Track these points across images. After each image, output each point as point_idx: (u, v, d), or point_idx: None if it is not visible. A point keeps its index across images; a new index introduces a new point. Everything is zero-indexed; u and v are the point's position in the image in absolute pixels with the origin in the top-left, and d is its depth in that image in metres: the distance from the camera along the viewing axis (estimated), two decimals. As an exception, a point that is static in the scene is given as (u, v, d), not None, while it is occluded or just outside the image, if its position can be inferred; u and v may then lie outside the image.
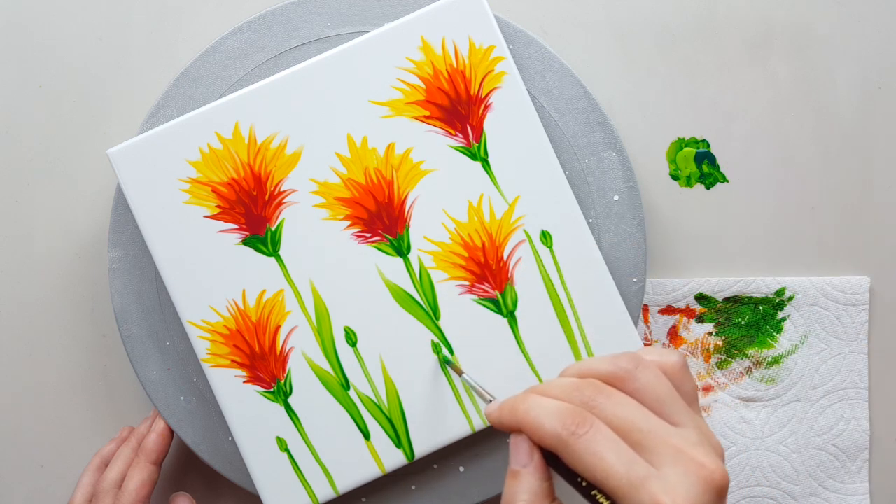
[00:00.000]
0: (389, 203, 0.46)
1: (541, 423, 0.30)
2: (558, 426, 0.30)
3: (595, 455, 0.29)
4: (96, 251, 0.54)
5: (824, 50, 0.53)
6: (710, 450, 0.30)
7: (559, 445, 0.30)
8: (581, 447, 0.29)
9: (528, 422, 0.31)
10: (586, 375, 0.32)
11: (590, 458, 0.29)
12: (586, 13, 0.53)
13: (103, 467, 0.50)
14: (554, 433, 0.30)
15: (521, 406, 0.31)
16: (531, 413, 0.31)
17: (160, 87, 0.53)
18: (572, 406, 0.30)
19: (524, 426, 0.31)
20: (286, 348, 0.46)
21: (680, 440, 0.29)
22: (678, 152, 0.54)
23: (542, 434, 0.30)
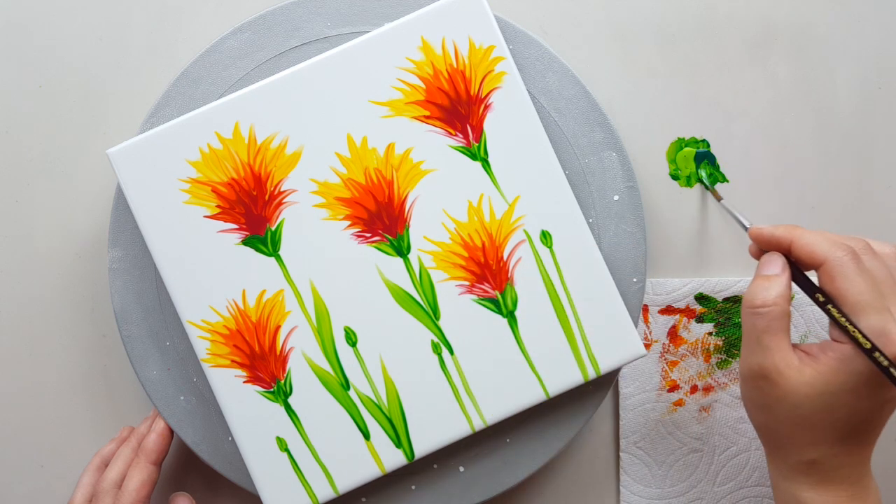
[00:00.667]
0: (389, 203, 0.47)
1: (816, 242, 0.39)
2: (832, 248, 0.39)
3: (852, 279, 0.37)
4: (96, 251, 0.54)
5: (824, 50, 0.53)
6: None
7: (827, 263, 0.38)
8: (846, 270, 0.38)
9: (804, 239, 0.40)
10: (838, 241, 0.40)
11: (848, 280, 0.37)
12: (586, 13, 0.53)
13: (103, 467, 0.50)
14: (828, 252, 0.39)
15: (796, 228, 0.41)
16: (807, 235, 0.40)
17: (160, 87, 0.53)
18: (843, 242, 0.39)
19: (798, 241, 0.40)
20: (286, 348, 0.46)
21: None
22: (678, 152, 0.54)
23: (814, 250, 0.39)
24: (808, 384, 0.38)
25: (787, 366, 0.38)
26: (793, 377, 0.38)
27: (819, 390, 0.38)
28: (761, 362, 0.39)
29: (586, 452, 0.54)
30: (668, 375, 0.53)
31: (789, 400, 0.38)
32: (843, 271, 0.38)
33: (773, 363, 0.39)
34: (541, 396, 0.46)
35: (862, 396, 0.38)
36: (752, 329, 0.40)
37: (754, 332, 0.39)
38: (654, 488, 0.53)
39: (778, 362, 0.38)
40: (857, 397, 0.38)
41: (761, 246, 0.43)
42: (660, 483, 0.53)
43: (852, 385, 0.37)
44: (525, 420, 0.49)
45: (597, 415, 0.54)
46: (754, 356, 0.39)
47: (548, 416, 0.49)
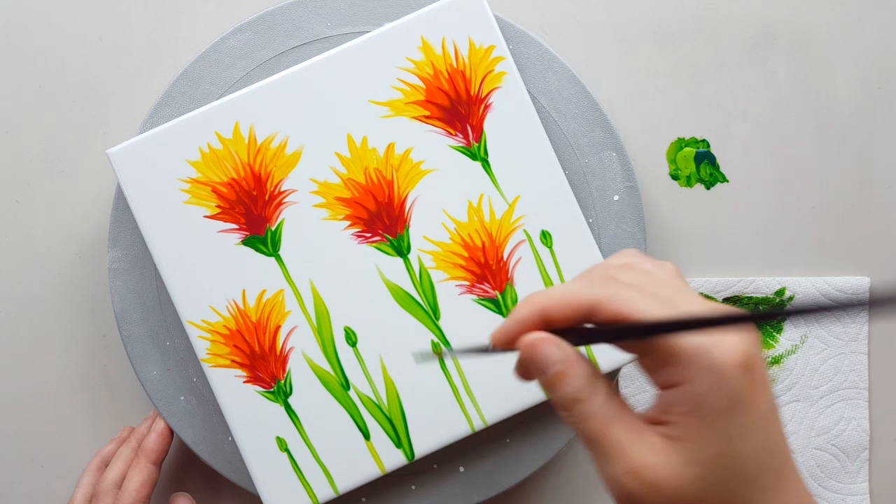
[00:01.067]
0: (389, 203, 0.46)
1: (572, 292, 0.28)
2: (591, 287, 0.28)
3: (632, 299, 0.27)
4: (96, 251, 0.54)
5: (824, 50, 0.53)
6: None
7: (600, 302, 0.27)
8: (621, 294, 0.27)
9: (554, 299, 0.28)
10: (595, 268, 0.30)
11: (628, 302, 0.27)
12: (586, 13, 0.53)
13: (103, 467, 0.50)
14: (590, 293, 0.28)
15: (537, 296, 0.29)
16: (555, 293, 0.28)
17: (160, 87, 0.53)
18: (605, 273, 0.29)
19: (550, 306, 0.28)
20: (286, 348, 0.46)
21: (703, 299, 0.28)
22: (678, 152, 0.54)
23: (576, 300, 0.28)
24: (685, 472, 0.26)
25: (644, 464, 0.27)
26: (662, 476, 0.26)
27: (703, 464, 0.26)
28: (617, 477, 0.27)
29: (586, 452, 0.54)
30: (668, 375, 0.53)
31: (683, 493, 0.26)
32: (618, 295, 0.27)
33: (629, 471, 0.27)
34: (541, 396, 0.46)
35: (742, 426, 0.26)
36: (588, 439, 0.28)
37: (591, 442, 0.28)
38: (654, 488, 0.53)
39: (635, 466, 0.27)
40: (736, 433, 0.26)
41: (511, 346, 0.30)
42: (659, 483, 0.53)
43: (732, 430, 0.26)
44: (525, 420, 0.49)
45: (597, 415, 0.54)
46: (607, 471, 0.28)
47: (548, 416, 0.49)
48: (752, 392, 0.26)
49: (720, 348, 0.26)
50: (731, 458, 0.26)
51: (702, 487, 0.26)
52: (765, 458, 0.26)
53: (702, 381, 0.26)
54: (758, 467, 0.26)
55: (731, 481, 0.26)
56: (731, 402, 0.26)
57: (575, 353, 0.28)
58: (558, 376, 0.28)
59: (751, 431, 0.26)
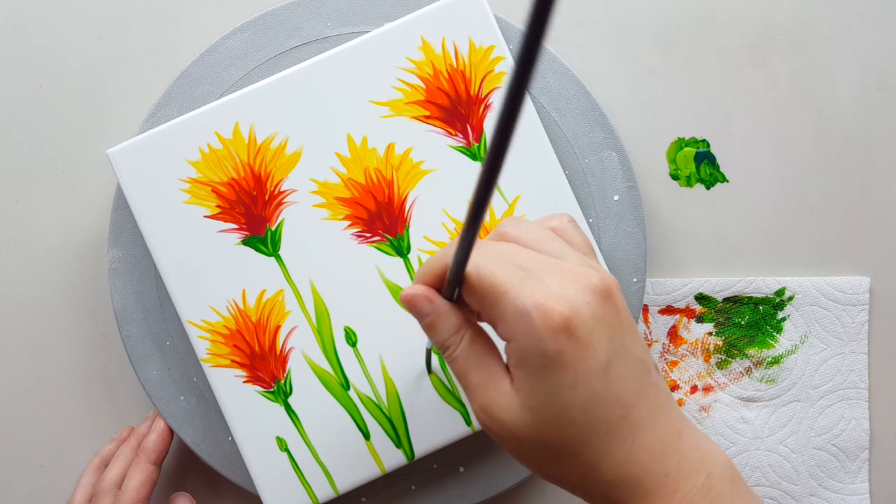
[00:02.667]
0: (389, 203, 0.46)
1: (435, 261, 0.32)
2: (446, 257, 0.31)
3: (486, 269, 0.30)
4: (96, 251, 0.54)
5: (824, 50, 0.53)
6: (591, 268, 0.31)
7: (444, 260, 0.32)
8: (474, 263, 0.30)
9: (427, 268, 0.33)
10: None
11: (483, 272, 0.30)
12: (586, 13, 0.53)
13: (103, 467, 0.50)
14: (443, 260, 0.32)
15: (422, 267, 0.33)
16: (430, 262, 0.33)
17: (160, 87, 0.53)
18: None
19: (425, 273, 0.33)
20: (286, 348, 0.46)
21: (561, 263, 0.31)
22: (678, 152, 0.54)
23: (434, 266, 0.32)
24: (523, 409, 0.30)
25: (493, 402, 0.31)
26: (505, 411, 0.30)
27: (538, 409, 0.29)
28: (476, 408, 0.32)
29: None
30: (668, 375, 0.53)
31: (525, 440, 0.30)
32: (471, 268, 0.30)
33: (482, 406, 0.31)
34: (541, 396, 0.46)
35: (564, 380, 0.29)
36: (455, 373, 0.32)
37: (459, 376, 0.32)
38: (654, 488, 0.53)
39: (486, 403, 0.31)
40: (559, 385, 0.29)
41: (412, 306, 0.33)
42: (660, 483, 0.53)
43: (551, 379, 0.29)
44: (525, 420, 0.49)
45: (597, 415, 0.54)
46: (471, 401, 0.32)
47: (548, 416, 0.49)
48: (573, 351, 0.29)
49: (538, 312, 0.29)
50: (556, 406, 0.29)
51: (536, 430, 0.30)
52: (593, 408, 0.29)
53: (521, 341, 0.29)
54: (586, 415, 0.29)
55: (560, 426, 0.29)
56: (546, 360, 0.29)
57: (445, 305, 0.32)
58: (430, 325, 0.32)
59: (574, 385, 0.29)
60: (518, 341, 0.29)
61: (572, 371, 0.29)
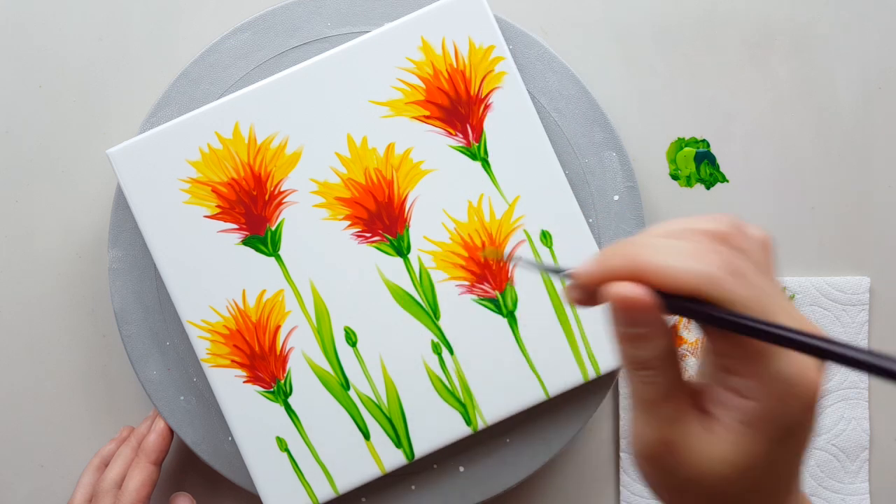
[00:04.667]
0: (389, 203, 0.46)
1: (674, 266, 0.26)
2: (703, 265, 0.25)
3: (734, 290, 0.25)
4: (96, 251, 0.54)
5: (824, 50, 0.53)
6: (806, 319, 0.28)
7: (713, 288, 0.25)
8: (724, 282, 0.25)
9: (654, 263, 0.26)
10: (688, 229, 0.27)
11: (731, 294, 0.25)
12: (586, 13, 0.53)
13: (103, 467, 0.50)
14: (694, 273, 0.25)
15: (639, 250, 0.26)
16: (658, 256, 0.26)
17: (160, 87, 0.53)
18: (712, 245, 0.27)
19: (649, 271, 0.26)
20: (286, 348, 0.46)
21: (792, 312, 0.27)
22: (678, 152, 0.54)
23: (682, 278, 0.25)
24: (723, 461, 0.27)
25: (691, 439, 0.28)
26: (703, 452, 0.27)
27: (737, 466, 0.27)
28: (661, 437, 0.28)
29: (586, 452, 0.54)
30: (668, 375, 0.53)
31: (706, 483, 0.28)
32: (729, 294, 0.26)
33: (675, 438, 0.28)
34: (541, 396, 0.46)
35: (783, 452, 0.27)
36: (643, 399, 0.28)
37: (646, 402, 0.28)
38: (654, 488, 0.53)
39: (682, 436, 0.28)
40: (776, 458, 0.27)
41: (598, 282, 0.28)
42: (660, 483, 0.53)
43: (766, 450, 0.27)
44: (525, 420, 0.49)
45: (597, 415, 0.54)
46: (650, 428, 0.28)
47: (548, 416, 0.49)
48: (808, 424, 0.27)
49: (802, 385, 0.26)
50: (757, 471, 0.27)
51: (720, 483, 0.27)
52: (786, 475, 0.28)
53: (770, 406, 0.26)
54: (776, 484, 0.28)
55: (748, 489, 0.27)
56: (788, 433, 0.26)
57: (662, 320, 0.27)
58: (640, 338, 0.27)
59: (788, 456, 0.27)
60: (764, 408, 0.26)
61: (791, 445, 0.27)
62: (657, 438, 0.28)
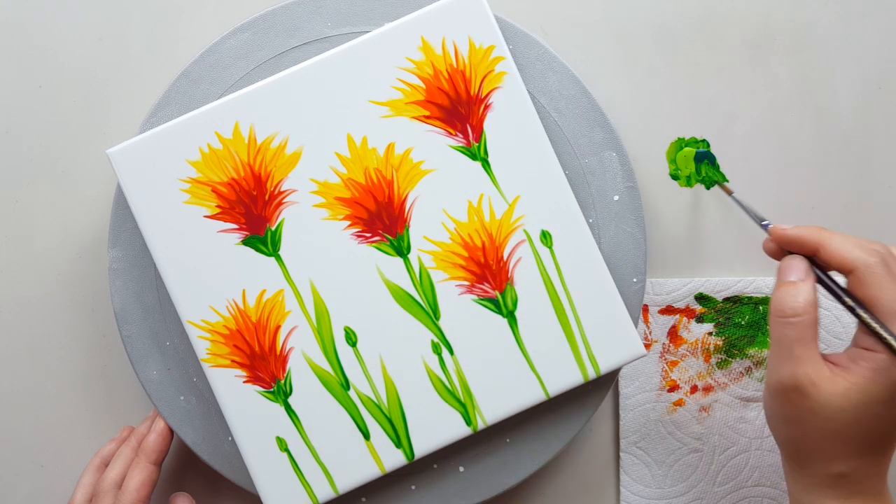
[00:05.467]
0: (389, 203, 0.47)
1: (846, 248, 0.38)
2: (863, 254, 0.38)
3: (885, 286, 0.37)
4: (96, 251, 0.54)
5: (824, 50, 0.53)
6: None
7: (858, 270, 0.37)
8: (878, 277, 0.37)
9: (832, 243, 0.39)
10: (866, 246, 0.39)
11: (881, 288, 0.37)
12: (586, 13, 0.53)
13: (103, 467, 0.50)
14: (858, 258, 0.38)
15: (822, 231, 0.39)
16: (836, 238, 0.39)
17: (160, 87, 0.53)
18: (872, 247, 0.38)
19: (826, 245, 0.39)
20: (286, 348, 0.46)
21: None
22: (678, 152, 0.54)
23: (845, 255, 0.38)
24: (843, 395, 0.37)
25: (819, 377, 0.37)
26: (826, 388, 0.37)
27: (853, 402, 0.37)
28: (793, 373, 0.38)
29: (586, 452, 0.54)
30: (668, 375, 0.53)
31: (822, 412, 0.37)
32: (875, 279, 0.37)
33: (805, 374, 0.37)
34: (541, 396, 0.46)
35: (893, 407, 0.37)
36: (783, 339, 0.38)
37: (785, 343, 0.38)
38: (654, 488, 0.53)
39: (811, 373, 0.37)
40: (889, 408, 0.37)
41: (784, 247, 0.41)
42: (660, 483, 0.53)
43: (887, 395, 0.37)
44: (525, 420, 0.49)
45: (597, 415, 0.54)
46: (785, 367, 0.38)
47: (548, 416, 0.49)
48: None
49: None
50: (869, 411, 0.37)
51: (843, 413, 0.37)
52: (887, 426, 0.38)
53: (889, 370, 0.37)
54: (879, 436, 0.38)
55: (861, 422, 0.37)
56: (890, 391, 0.37)
57: (813, 283, 0.39)
58: (794, 284, 0.39)
59: (887, 411, 0.37)
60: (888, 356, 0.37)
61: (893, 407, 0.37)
62: (789, 373, 0.38)
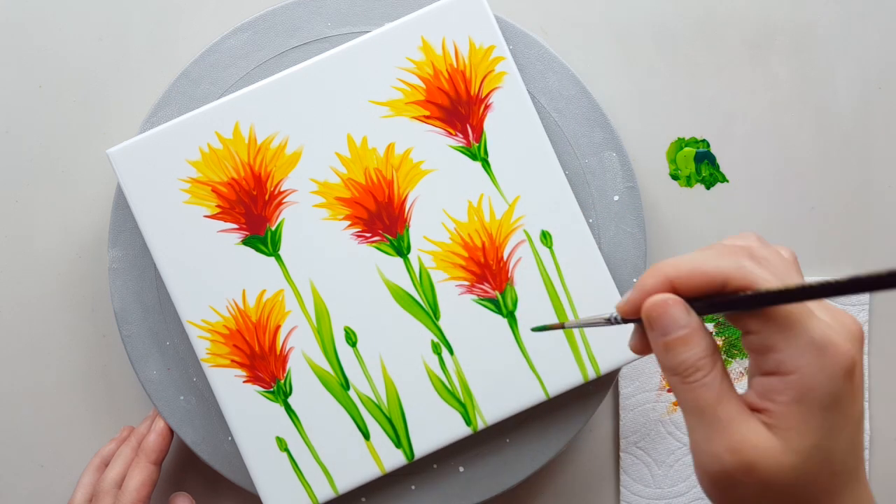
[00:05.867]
0: (389, 203, 0.47)
1: (701, 264, 0.28)
2: (718, 260, 0.28)
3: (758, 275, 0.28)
4: (96, 251, 0.54)
5: (824, 50, 0.53)
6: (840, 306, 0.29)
7: (735, 278, 0.28)
8: (748, 269, 0.28)
9: (683, 270, 0.29)
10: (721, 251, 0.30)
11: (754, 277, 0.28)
12: (586, 13, 0.53)
13: (103, 467, 0.50)
14: (719, 267, 0.28)
15: (663, 265, 0.29)
16: (683, 264, 0.29)
17: (160, 87, 0.53)
18: (728, 248, 0.29)
19: (679, 277, 0.29)
20: (286, 348, 0.46)
21: None
22: (678, 152, 0.54)
23: (705, 272, 0.28)
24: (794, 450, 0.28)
25: (759, 438, 0.28)
26: (771, 448, 0.28)
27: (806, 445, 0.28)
28: (731, 446, 0.28)
29: (586, 452, 0.54)
30: (668, 375, 0.53)
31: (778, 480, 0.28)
32: (754, 278, 0.28)
33: (744, 441, 0.28)
34: (541, 396, 0.46)
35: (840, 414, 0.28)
36: (702, 406, 0.28)
37: (706, 409, 0.28)
38: (654, 488, 0.53)
39: (750, 438, 0.28)
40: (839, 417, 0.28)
41: (637, 312, 0.30)
42: (660, 483, 0.53)
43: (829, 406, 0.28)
44: (525, 420, 0.49)
45: (597, 415, 0.54)
46: (717, 441, 0.28)
47: (548, 416, 0.49)
48: (851, 395, 0.28)
49: (833, 349, 0.27)
50: (825, 452, 0.28)
51: (794, 476, 0.28)
52: (849, 457, 0.29)
53: (810, 376, 0.27)
54: (844, 465, 0.28)
55: (821, 474, 0.28)
56: (832, 400, 0.27)
57: (700, 321, 0.29)
58: (683, 340, 0.29)
59: (844, 430, 0.28)
60: (805, 375, 0.27)
61: (845, 416, 0.28)
62: (725, 447, 0.28)
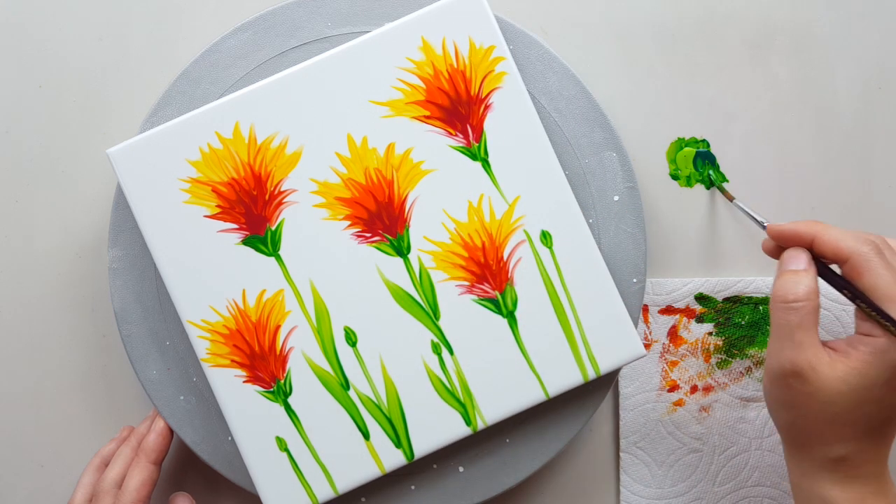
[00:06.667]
0: (389, 203, 0.47)
1: (841, 238, 0.40)
2: (857, 244, 0.39)
3: (880, 273, 0.38)
4: (96, 251, 0.54)
5: (824, 50, 0.53)
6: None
7: (853, 259, 0.39)
8: (873, 264, 0.38)
9: (827, 234, 0.40)
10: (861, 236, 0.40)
11: (877, 275, 0.38)
12: (586, 13, 0.53)
13: (103, 467, 0.50)
14: (853, 247, 0.39)
15: (817, 224, 0.41)
16: (831, 230, 0.40)
17: (160, 87, 0.53)
18: (866, 237, 0.39)
19: (821, 237, 0.40)
20: (286, 348, 0.46)
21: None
22: (678, 152, 0.54)
23: (839, 245, 0.39)
24: (842, 380, 0.38)
25: (819, 361, 0.38)
26: (825, 373, 0.38)
27: (853, 385, 0.38)
28: (793, 358, 0.39)
29: (586, 452, 0.54)
30: (668, 375, 0.53)
31: (821, 396, 0.38)
32: (870, 266, 0.38)
33: (805, 359, 0.39)
34: (541, 396, 0.46)
35: (892, 390, 0.38)
36: (785, 325, 0.39)
37: (787, 328, 0.39)
38: (654, 488, 0.53)
39: (811, 358, 0.38)
40: (888, 391, 0.38)
41: (781, 243, 0.43)
42: (660, 483, 0.53)
43: (885, 378, 0.38)
44: (525, 420, 0.49)
45: (597, 415, 0.54)
46: (785, 352, 0.39)
47: (548, 416, 0.49)
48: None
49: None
50: (867, 393, 0.38)
51: (842, 397, 0.38)
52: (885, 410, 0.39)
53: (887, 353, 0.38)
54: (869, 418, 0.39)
55: (860, 406, 0.38)
56: (888, 373, 0.38)
57: (814, 274, 0.40)
58: (795, 273, 0.40)
59: (886, 394, 0.38)
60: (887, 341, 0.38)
61: (891, 389, 0.38)
62: (789, 358, 0.39)
